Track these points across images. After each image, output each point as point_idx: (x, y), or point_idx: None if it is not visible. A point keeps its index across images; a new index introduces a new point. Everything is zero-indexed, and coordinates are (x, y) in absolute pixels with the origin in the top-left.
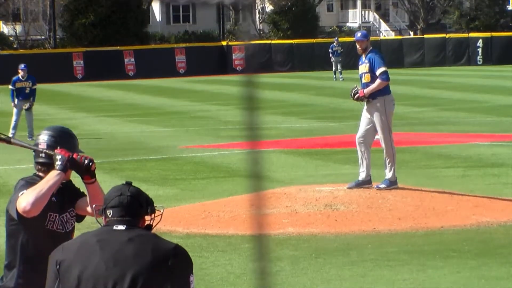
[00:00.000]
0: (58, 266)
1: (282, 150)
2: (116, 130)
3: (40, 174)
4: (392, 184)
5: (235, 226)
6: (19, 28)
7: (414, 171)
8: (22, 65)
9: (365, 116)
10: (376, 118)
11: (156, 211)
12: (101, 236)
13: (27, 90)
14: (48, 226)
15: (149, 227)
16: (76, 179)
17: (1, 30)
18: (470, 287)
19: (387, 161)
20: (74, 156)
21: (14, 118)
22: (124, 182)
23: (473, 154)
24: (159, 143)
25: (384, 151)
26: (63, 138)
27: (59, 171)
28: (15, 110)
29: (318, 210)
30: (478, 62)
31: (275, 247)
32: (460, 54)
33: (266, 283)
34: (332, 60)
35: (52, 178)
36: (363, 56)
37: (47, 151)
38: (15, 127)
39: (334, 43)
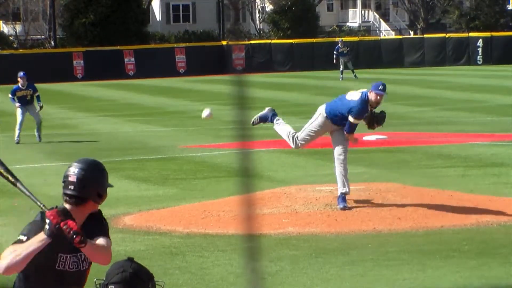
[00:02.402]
0: None
1: (282, 149)
2: (116, 130)
3: (66, 205)
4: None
5: (235, 226)
6: (19, 27)
7: (414, 171)
8: (21, 73)
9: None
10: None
11: (156, 285)
12: None
13: (28, 98)
14: (60, 267)
15: None
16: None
17: (1, 29)
18: (470, 286)
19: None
20: (61, 225)
21: (19, 119)
22: (126, 258)
23: (473, 154)
24: (159, 143)
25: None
26: (94, 173)
27: (45, 237)
28: (19, 110)
29: (318, 210)
30: (478, 62)
31: (275, 247)
32: (460, 53)
33: (259, 284)
34: (340, 61)
35: (35, 243)
36: (372, 108)
37: (44, 208)
38: (20, 128)
39: (339, 44)
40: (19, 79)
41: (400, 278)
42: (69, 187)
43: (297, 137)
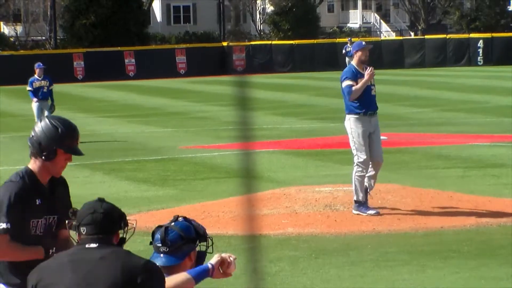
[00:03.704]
0: None
1: (282, 150)
2: (116, 131)
3: (29, 165)
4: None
5: (235, 226)
6: (19, 29)
7: (414, 171)
8: (39, 64)
9: (367, 131)
10: (378, 131)
11: (129, 224)
12: (74, 256)
13: (45, 89)
14: (33, 232)
15: (123, 240)
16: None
17: (2, 30)
18: (470, 287)
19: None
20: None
21: (36, 120)
22: (97, 199)
23: (473, 155)
24: (159, 144)
25: (379, 166)
26: (49, 130)
27: (41, 251)
28: (35, 109)
29: (318, 211)
30: (479, 63)
31: (275, 247)
32: (460, 54)
33: (260, 284)
34: (346, 60)
35: (32, 254)
36: (361, 68)
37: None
38: None
39: (348, 44)
40: (36, 70)
41: (399, 279)
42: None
43: (358, 162)
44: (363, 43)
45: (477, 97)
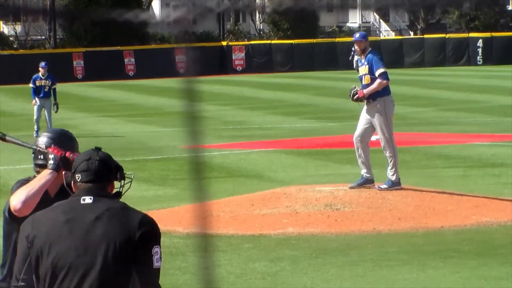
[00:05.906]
0: (29, 245)
1: (282, 150)
2: (116, 130)
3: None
4: (394, 185)
5: (235, 226)
6: (19, 28)
7: (414, 171)
8: (43, 63)
9: (364, 116)
10: (377, 119)
11: (126, 178)
12: (70, 215)
13: (46, 89)
14: None
15: (118, 194)
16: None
17: (1, 30)
18: (470, 287)
19: (390, 162)
20: (67, 154)
21: (35, 117)
22: (94, 147)
23: (473, 154)
24: (159, 143)
25: (387, 152)
26: (62, 140)
27: (51, 170)
28: (35, 108)
29: (318, 210)
30: (478, 62)
31: (275, 247)
32: (460, 54)
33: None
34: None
35: (44, 176)
36: (362, 57)
37: (40, 149)
38: (37, 125)
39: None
40: (40, 69)
41: (400, 279)
42: (39, 156)
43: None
44: (356, 35)
45: (477, 96)
